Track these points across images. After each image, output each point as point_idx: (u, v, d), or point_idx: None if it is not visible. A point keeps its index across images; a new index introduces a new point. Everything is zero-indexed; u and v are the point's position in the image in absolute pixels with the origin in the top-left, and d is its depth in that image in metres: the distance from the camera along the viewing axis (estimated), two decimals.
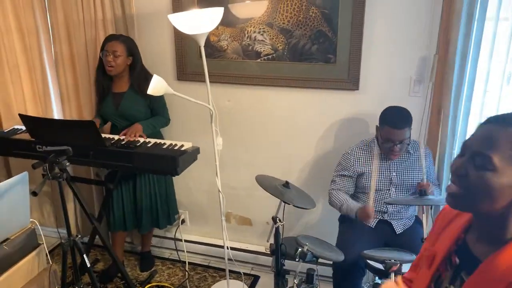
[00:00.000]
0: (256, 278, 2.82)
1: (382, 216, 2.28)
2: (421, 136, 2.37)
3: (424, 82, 2.34)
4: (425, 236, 2.00)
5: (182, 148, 2.32)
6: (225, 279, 2.65)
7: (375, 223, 2.29)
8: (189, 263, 2.91)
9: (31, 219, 2.12)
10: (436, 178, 2.34)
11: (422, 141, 2.29)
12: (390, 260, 1.89)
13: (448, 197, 0.95)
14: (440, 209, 2.33)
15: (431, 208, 2.23)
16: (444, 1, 2.14)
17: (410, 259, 1.92)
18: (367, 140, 2.34)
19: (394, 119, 2.13)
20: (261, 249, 2.90)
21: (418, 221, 2.34)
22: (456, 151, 2.35)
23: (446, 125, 2.25)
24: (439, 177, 2.35)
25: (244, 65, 2.59)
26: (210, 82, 2.21)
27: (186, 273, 2.84)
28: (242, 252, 2.92)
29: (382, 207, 2.27)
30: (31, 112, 2.94)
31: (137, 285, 2.70)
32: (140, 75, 2.51)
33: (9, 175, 3.08)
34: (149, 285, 2.72)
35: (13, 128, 2.69)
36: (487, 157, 0.86)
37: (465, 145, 0.93)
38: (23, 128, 2.58)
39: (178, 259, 2.94)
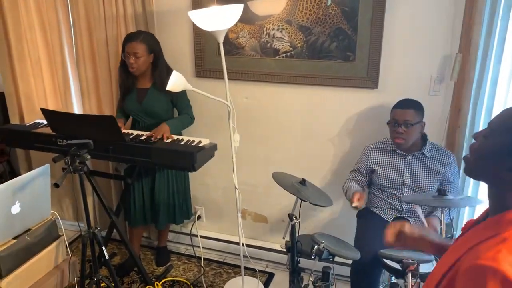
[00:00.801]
0: (270, 276, 2.82)
1: (399, 213, 2.27)
2: (441, 135, 2.34)
3: (445, 81, 2.31)
4: (443, 236, 1.97)
5: (200, 145, 2.34)
6: (240, 275, 2.66)
7: (392, 219, 2.27)
8: (205, 259, 2.93)
9: (51, 211, 2.16)
10: (459, 186, 2.31)
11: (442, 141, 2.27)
12: (407, 260, 1.87)
13: (463, 162, 1.06)
14: (459, 210, 2.32)
15: (450, 209, 2.19)
16: None
17: (427, 259, 1.89)
18: (386, 138, 2.34)
19: (401, 101, 2.23)
20: (276, 246, 2.90)
21: None
22: None
23: (466, 124, 2.22)
24: (460, 179, 2.32)
25: (262, 62, 2.59)
26: (228, 79, 2.22)
27: (202, 268, 2.86)
28: (257, 249, 2.93)
29: (397, 205, 2.26)
30: (51, 107, 2.99)
31: (153, 279, 2.73)
32: (162, 72, 2.51)
33: (30, 168, 3.15)
34: (165, 279, 2.75)
35: (35, 122, 2.74)
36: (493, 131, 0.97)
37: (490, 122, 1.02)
38: (45, 122, 2.63)
39: (193, 254, 2.96)
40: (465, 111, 2.19)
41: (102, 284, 2.13)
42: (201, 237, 2.97)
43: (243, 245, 2.49)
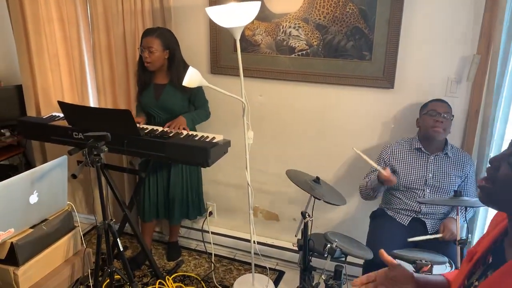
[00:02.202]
0: (281, 274, 2.83)
1: (416, 214, 2.26)
2: (457, 137, 2.33)
3: (462, 83, 2.29)
4: (457, 238, 1.96)
5: (214, 140, 2.35)
6: (250, 272, 2.66)
7: (408, 221, 2.26)
8: (215, 255, 2.94)
9: (68, 202, 2.19)
10: (475, 190, 2.29)
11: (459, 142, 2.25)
12: (421, 261, 1.86)
13: (479, 190, 0.95)
14: (475, 210, 2.30)
15: (465, 210, 2.18)
16: None
17: (441, 261, 1.88)
18: (409, 137, 2.33)
19: (437, 98, 2.26)
20: (287, 245, 2.90)
21: None
22: (494, 154, 2.29)
23: (484, 127, 2.20)
24: (477, 181, 2.30)
25: (277, 60, 2.60)
26: (243, 76, 2.22)
27: (212, 264, 2.88)
28: (267, 247, 2.93)
29: (415, 206, 2.25)
30: (68, 100, 3.03)
31: (164, 273, 2.74)
32: (178, 69, 2.53)
33: (45, 161, 3.19)
34: (176, 274, 2.77)
35: (51, 115, 2.78)
36: None
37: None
38: (61, 115, 2.66)
39: (204, 250, 2.98)
40: (484, 113, 2.17)
41: (115, 276, 2.15)
42: (212, 233, 2.99)
43: (254, 242, 2.50)
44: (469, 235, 2.08)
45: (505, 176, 0.86)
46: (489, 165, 0.91)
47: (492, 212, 2.26)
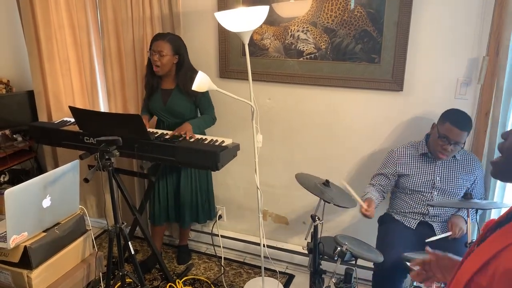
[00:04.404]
0: (290, 277, 2.82)
1: (423, 217, 2.25)
2: (467, 139, 2.31)
3: (471, 85, 2.28)
4: (469, 241, 1.95)
5: (223, 144, 2.36)
6: (260, 276, 2.67)
7: (415, 225, 2.25)
8: (225, 259, 2.95)
9: (79, 206, 2.21)
10: (483, 192, 2.29)
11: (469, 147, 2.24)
12: None
13: (491, 166, 0.97)
14: (484, 213, 2.29)
15: (476, 213, 2.17)
16: (496, 1, 2.09)
17: None
18: (415, 141, 2.32)
19: (459, 118, 2.10)
20: (297, 248, 2.90)
21: None
22: None
23: (494, 129, 2.19)
24: (486, 183, 2.29)
25: (286, 64, 2.61)
26: (252, 79, 2.24)
27: (222, 268, 2.88)
28: (277, 250, 2.93)
29: (423, 209, 2.24)
30: (79, 105, 3.06)
31: (174, 277, 2.76)
32: (185, 75, 2.56)
33: (56, 165, 3.22)
34: (186, 277, 2.78)
35: (62, 120, 2.82)
36: None
37: None
38: (72, 120, 2.69)
39: (214, 254, 2.99)
40: (494, 115, 2.16)
41: (126, 279, 2.17)
42: (222, 236, 3.00)
43: (264, 245, 2.50)
44: None
45: (511, 144, 0.90)
46: (501, 137, 0.96)
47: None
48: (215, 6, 2.65)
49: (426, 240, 2.08)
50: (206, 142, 2.40)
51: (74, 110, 2.46)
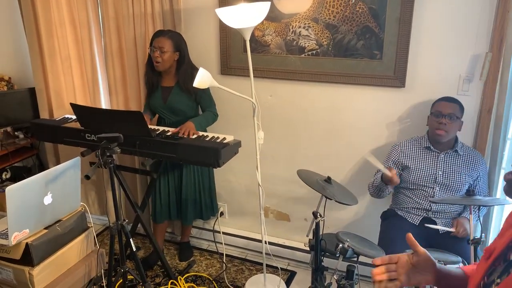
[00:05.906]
0: (292, 274, 2.82)
1: (426, 213, 2.24)
2: (469, 135, 2.30)
3: (474, 81, 2.27)
4: (471, 237, 1.94)
5: (225, 141, 2.36)
6: (261, 272, 2.67)
7: (419, 221, 2.25)
8: (227, 255, 2.95)
9: (81, 203, 2.21)
10: (487, 189, 2.28)
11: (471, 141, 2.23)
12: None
13: (505, 183, 0.95)
14: (487, 210, 2.28)
15: (478, 209, 2.16)
16: None
17: (455, 260, 1.87)
18: (418, 136, 2.33)
19: (445, 97, 2.24)
20: (299, 245, 2.90)
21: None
22: (507, 153, 2.27)
23: (497, 125, 2.18)
24: (490, 180, 2.28)
25: (287, 60, 2.60)
26: (253, 76, 2.23)
27: (224, 264, 2.89)
28: (279, 247, 2.93)
29: (425, 205, 2.24)
30: (80, 102, 3.06)
31: (176, 274, 2.76)
32: (186, 72, 2.55)
33: (58, 162, 3.22)
34: (188, 274, 2.78)
35: (64, 117, 2.82)
36: None
37: None
38: (73, 117, 2.69)
39: (216, 250, 2.99)
40: (497, 111, 2.15)
41: (128, 276, 2.17)
42: (224, 233, 3.00)
43: (265, 242, 2.50)
44: (483, 234, 2.05)
45: None
46: None
47: (507, 210, 2.24)
48: (216, 3, 2.64)
49: (426, 225, 2.11)
50: (207, 139, 2.40)
51: (76, 107, 2.46)
